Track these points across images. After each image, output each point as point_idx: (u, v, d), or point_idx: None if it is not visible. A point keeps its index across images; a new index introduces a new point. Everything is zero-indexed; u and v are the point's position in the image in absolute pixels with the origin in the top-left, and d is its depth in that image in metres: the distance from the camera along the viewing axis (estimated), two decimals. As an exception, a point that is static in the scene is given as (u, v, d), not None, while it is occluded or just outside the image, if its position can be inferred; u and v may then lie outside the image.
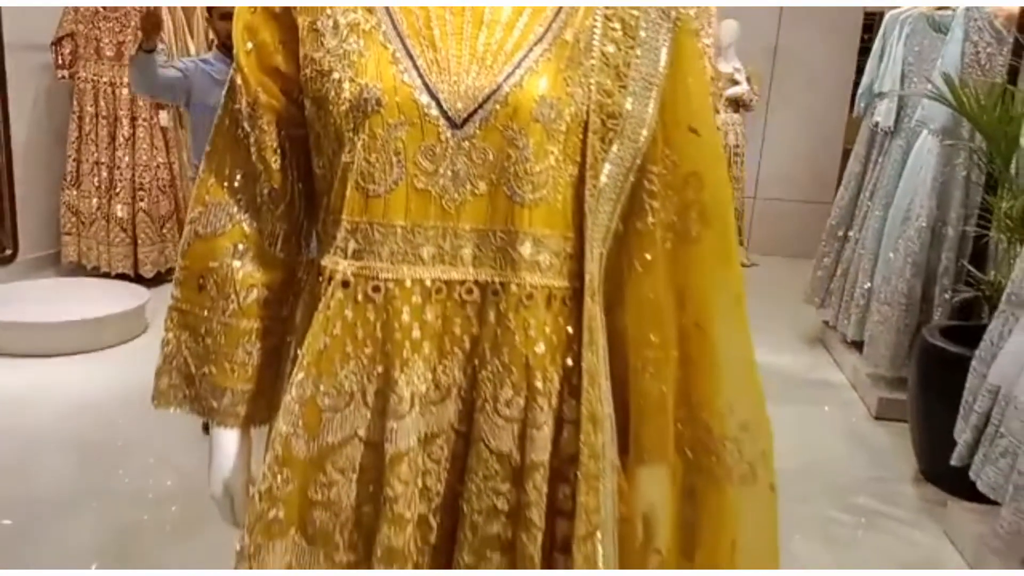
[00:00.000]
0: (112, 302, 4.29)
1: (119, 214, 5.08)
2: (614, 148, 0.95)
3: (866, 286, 4.18)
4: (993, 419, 2.48)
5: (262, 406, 1.07)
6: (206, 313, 1.04)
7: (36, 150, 5.24)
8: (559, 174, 0.94)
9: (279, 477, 0.96)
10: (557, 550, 0.96)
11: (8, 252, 5.16)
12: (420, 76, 0.92)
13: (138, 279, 4.96)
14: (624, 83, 0.95)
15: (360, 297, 0.95)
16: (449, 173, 0.93)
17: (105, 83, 5.03)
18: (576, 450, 0.94)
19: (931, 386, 3.21)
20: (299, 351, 0.98)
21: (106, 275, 5.05)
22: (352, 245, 0.95)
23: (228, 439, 1.07)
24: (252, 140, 1.01)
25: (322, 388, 0.96)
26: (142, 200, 5.10)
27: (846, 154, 5.21)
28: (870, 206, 4.38)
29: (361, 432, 0.96)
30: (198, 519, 2.60)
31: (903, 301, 3.83)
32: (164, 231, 5.14)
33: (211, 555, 1.01)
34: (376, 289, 0.94)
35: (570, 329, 0.96)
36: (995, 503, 2.47)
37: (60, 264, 5.30)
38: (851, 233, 4.64)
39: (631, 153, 0.97)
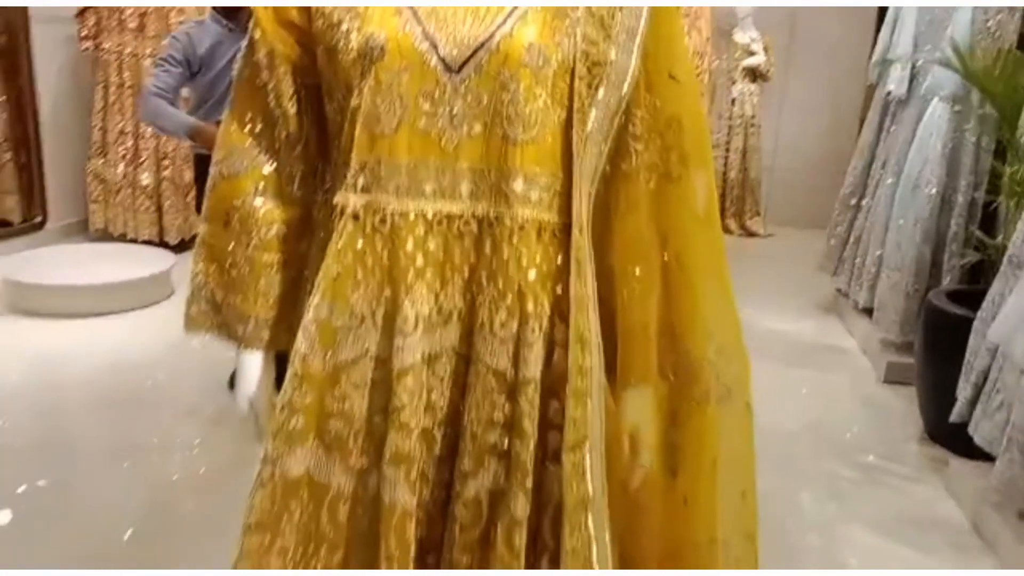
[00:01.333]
0: (140, 266, 4.42)
1: (144, 182, 5.21)
2: (599, 94, 1.04)
3: (877, 253, 4.23)
4: (991, 376, 2.55)
5: (283, 332, 1.17)
6: (231, 247, 1.15)
7: (63, 120, 5.37)
8: (547, 117, 1.03)
9: (298, 391, 1.06)
10: (548, 460, 1.06)
11: (38, 219, 5.31)
12: (420, 26, 1.02)
13: (163, 246, 5.09)
14: (608, 33, 1.04)
15: (369, 228, 1.04)
16: (447, 114, 1.02)
17: (129, 54, 5.13)
18: (566, 369, 1.03)
19: (936, 348, 3.27)
20: (315, 280, 1.08)
21: (132, 242, 5.20)
22: (361, 181, 1.04)
23: (252, 362, 1.18)
24: (270, 88, 1.11)
25: (336, 310, 1.06)
26: (167, 169, 5.21)
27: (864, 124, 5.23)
28: (882, 174, 4.42)
29: (372, 350, 1.06)
30: (224, 472, 2.72)
31: (912, 267, 3.88)
32: (188, 199, 5.24)
33: (238, 507, 1.12)
34: (383, 221, 1.04)
35: (560, 260, 1.05)
36: (995, 460, 2.54)
37: (88, 231, 5.45)
38: (864, 202, 4.68)
39: (616, 99, 1.06)
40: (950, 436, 2.99)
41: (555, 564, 1.04)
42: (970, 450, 2.72)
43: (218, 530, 1.16)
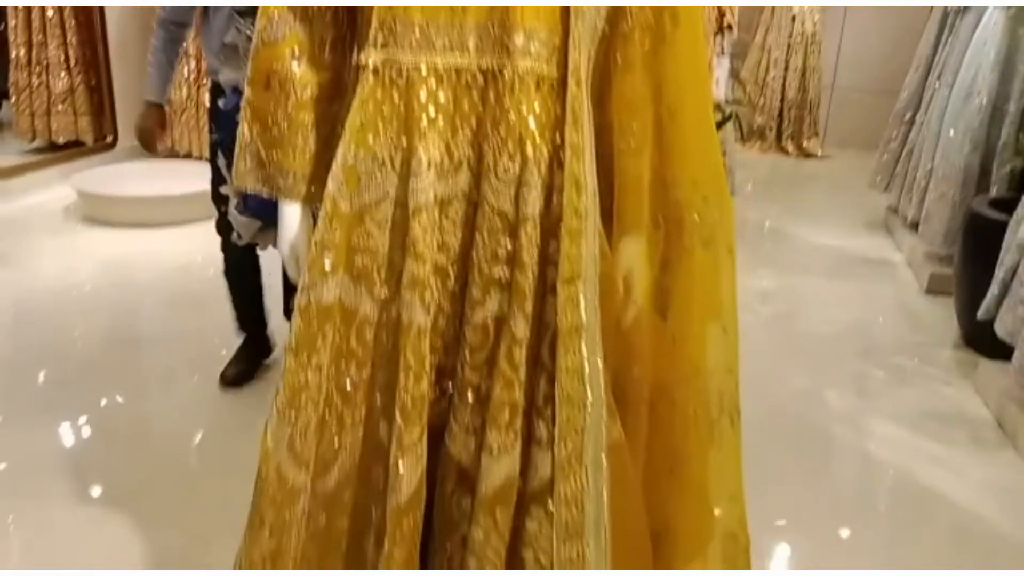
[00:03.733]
0: (205, 181, 4.61)
1: (207, 103, 5.39)
2: None
3: (928, 167, 4.21)
4: (1019, 271, 2.60)
5: (318, 188, 1.30)
6: (271, 107, 1.28)
7: (129, 44, 5.56)
8: None
9: (329, 229, 1.21)
10: (548, 293, 1.19)
11: (109, 139, 5.57)
12: None
13: (227, 164, 5.29)
14: None
15: (387, 81, 1.17)
16: None
17: (191, -23, 5.28)
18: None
19: (976, 254, 3.29)
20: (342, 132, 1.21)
21: (198, 160, 5.42)
22: (380, 39, 1.16)
23: (292, 212, 1.33)
24: None
25: (360, 156, 1.19)
26: (229, 89, 5.39)
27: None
28: (937, 87, 4.37)
29: (391, 193, 1.20)
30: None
31: (960, 177, 3.86)
32: (250, 119, 5.42)
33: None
34: (399, 74, 1.16)
35: (558, 110, 1.16)
36: (1023, 358, 2.60)
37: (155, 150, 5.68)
38: (918, 116, 4.64)
39: None
40: (983, 339, 3.04)
41: (552, 384, 1.18)
42: (1002, 352, 2.78)
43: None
